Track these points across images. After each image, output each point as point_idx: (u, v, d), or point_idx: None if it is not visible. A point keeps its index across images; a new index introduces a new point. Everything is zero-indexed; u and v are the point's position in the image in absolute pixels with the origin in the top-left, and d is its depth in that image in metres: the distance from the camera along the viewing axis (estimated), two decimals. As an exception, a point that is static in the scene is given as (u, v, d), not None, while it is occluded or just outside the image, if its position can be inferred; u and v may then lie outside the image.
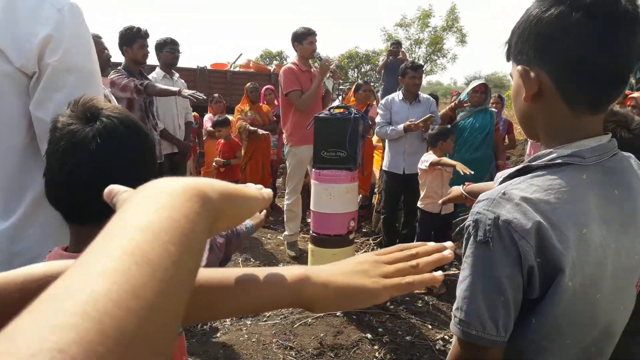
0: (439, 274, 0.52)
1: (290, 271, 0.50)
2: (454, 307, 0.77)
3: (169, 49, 4.08)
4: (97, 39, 2.94)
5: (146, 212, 0.30)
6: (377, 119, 4.13)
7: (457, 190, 1.50)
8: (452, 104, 4.29)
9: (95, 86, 1.16)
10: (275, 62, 27.79)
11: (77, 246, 0.82)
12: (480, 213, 0.74)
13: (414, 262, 0.53)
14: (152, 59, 4.01)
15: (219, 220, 0.36)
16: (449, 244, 0.56)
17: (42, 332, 0.22)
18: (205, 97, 3.68)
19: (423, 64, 4.13)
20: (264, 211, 1.21)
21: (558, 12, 0.72)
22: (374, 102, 5.55)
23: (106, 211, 0.38)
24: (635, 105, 3.24)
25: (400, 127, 3.95)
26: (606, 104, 0.78)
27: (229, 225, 0.41)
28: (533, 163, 0.78)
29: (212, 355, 2.60)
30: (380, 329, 2.93)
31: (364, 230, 5.04)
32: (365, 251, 4.42)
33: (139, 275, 0.26)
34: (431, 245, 0.56)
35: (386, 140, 4.19)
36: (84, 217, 0.81)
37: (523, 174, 0.78)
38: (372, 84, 7.18)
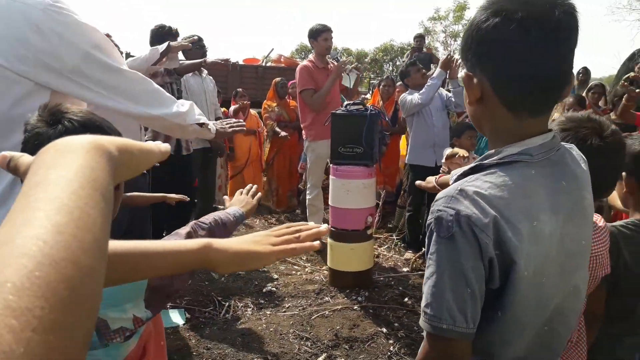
0: (316, 243, 0.68)
1: (196, 241, 0.65)
2: (422, 304, 0.81)
3: (196, 45, 4.19)
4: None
5: (55, 169, 0.35)
6: (408, 98, 4.00)
7: (430, 180, 1.55)
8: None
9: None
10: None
11: None
12: (441, 210, 0.78)
13: (297, 235, 0.68)
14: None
15: (118, 170, 0.42)
16: (324, 225, 0.72)
17: None
18: (229, 61, 3.65)
19: (456, 57, 4.09)
20: (256, 197, 1.26)
21: (494, 23, 0.75)
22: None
23: None
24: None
25: (437, 70, 3.88)
26: (546, 108, 0.82)
27: (130, 175, 0.48)
28: (485, 161, 0.82)
29: (231, 343, 2.71)
30: (396, 324, 2.97)
31: (389, 225, 5.05)
32: (387, 247, 4.45)
33: (60, 218, 0.31)
34: (311, 224, 0.72)
35: (411, 133, 4.15)
36: None
37: (476, 171, 0.82)
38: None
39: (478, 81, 0.81)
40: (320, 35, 4.10)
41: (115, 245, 0.59)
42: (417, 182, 1.64)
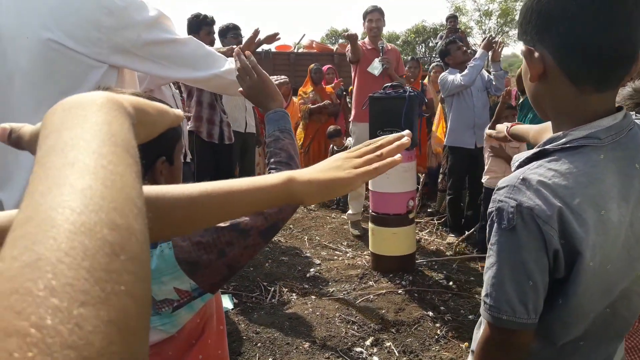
0: (398, 156, 0.62)
1: (278, 176, 0.61)
2: (483, 293, 0.80)
3: (232, 34, 4.20)
4: None
5: (74, 130, 0.32)
6: (449, 78, 3.92)
7: (501, 129, 1.44)
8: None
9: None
10: (341, 40, 27.58)
11: None
12: (502, 201, 0.76)
13: (378, 152, 0.63)
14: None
15: (135, 129, 0.39)
16: (406, 132, 0.65)
17: (20, 254, 0.23)
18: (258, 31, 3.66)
19: (494, 35, 4.00)
20: None
21: None
22: (425, 81, 5.47)
23: None
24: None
25: (480, 51, 3.81)
26: (614, 82, 0.76)
27: (146, 136, 0.46)
28: (548, 146, 0.78)
29: (279, 327, 2.76)
30: (442, 307, 2.95)
31: (429, 210, 5.01)
32: (429, 231, 4.42)
33: (83, 181, 0.28)
34: (392, 135, 0.65)
35: (450, 115, 4.07)
36: None
37: (539, 157, 0.78)
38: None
39: (540, 55, 0.76)
40: (366, 16, 4.13)
41: (199, 187, 0.57)
42: (488, 132, 1.56)
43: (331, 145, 5.27)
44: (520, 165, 0.81)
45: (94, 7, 1.17)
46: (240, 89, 1.12)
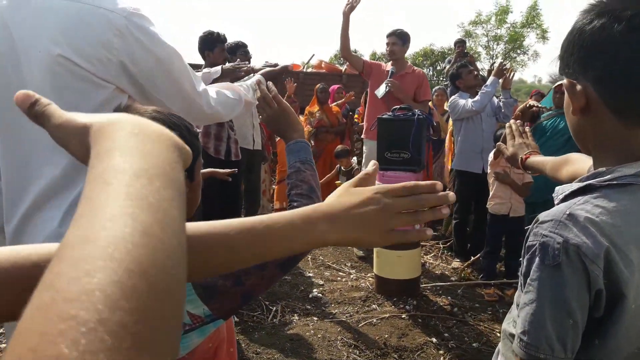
0: (445, 211, 0.58)
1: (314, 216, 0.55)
2: (518, 330, 0.77)
3: (241, 52, 4.25)
4: None
5: (136, 158, 0.33)
6: (460, 103, 3.92)
7: (514, 154, 1.28)
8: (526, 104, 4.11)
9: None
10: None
11: None
12: (547, 236, 0.74)
13: (419, 217, 0.58)
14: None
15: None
16: (451, 194, 0.59)
17: (79, 277, 0.24)
18: (277, 64, 3.73)
19: (503, 61, 4.04)
20: None
21: (600, 24, 0.71)
22: (432, 106, 5.50)
23: None
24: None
25: (491, 78, 3.84)
26: None
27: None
28: (593, 181, 0.77)
29: (279, 348, 2.72)
30: (446, 334, 2.90)
31: (434, 233, 4.97)
32: (434, 255, 4.37)
33: (145, 217, 0.29)
34: (425, 184, 0.60)
35: (458, 138, 4.07)
36: None
37: (585, 192, 0.77)
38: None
39: (582, 88, 0.76)
40: (387, 39, 4.18)
41: (238, 225, 0.52)
42: (496, 151, 1.44)
43: (338, 165, 5.27)
44: (565, 198, 0.79)
45: (106, 27, 1.17)
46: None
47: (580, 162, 1.07)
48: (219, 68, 2.98)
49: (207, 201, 1.99)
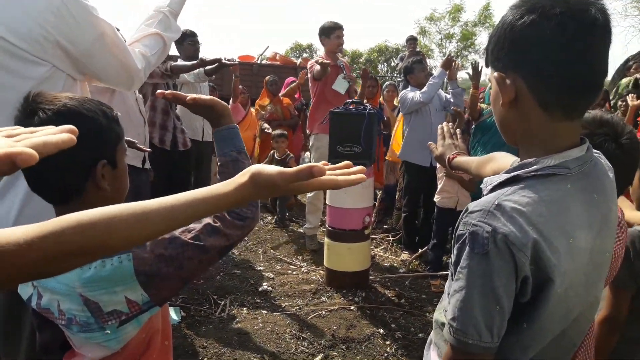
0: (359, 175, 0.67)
1: (242, 174, 0.65)
2: (449, 316, 0.79)
3: (189, 41, 4.14)
4: None
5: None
6: (409, 96, 3.97)
7: (443, 153, 1.32)
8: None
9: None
10: (305, 54, 27.74)
11: None
12: (476, 225, 0.75)
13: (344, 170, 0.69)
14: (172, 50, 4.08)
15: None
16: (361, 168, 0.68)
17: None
18: (236, 61, 3.74)
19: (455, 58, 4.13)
20: None
21: (530, 20, 0.73)
22: (383, 101, 5.59)
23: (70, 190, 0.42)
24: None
25: (438, 69, 3.91)
26: (582, 109, 0.80)
27: None
28: (520, 172, 0.79)
29: (227, 342, 2.68)
30: (393, 325, 2.95)
31: (385, 226, 5.04)
32: (384, 247, 4.44)
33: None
34: (356, 168, 0.69)
35: (407, 131, 4.12)
36: (57, 198, 0.93)
37: (511, 182, 0.79)
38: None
39: (512, 81, 0.78)
40: (333, 32, 4.12)
41: (152, 205, 0.62)
42: (431, 145, 1.39)
43: (271, 152, 5.14)
44: (493, 189, 0.81)
45: (44, 6, 1.23)
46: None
47: (504, 159, 1.11)
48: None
49: (155, 192, 1.93)
